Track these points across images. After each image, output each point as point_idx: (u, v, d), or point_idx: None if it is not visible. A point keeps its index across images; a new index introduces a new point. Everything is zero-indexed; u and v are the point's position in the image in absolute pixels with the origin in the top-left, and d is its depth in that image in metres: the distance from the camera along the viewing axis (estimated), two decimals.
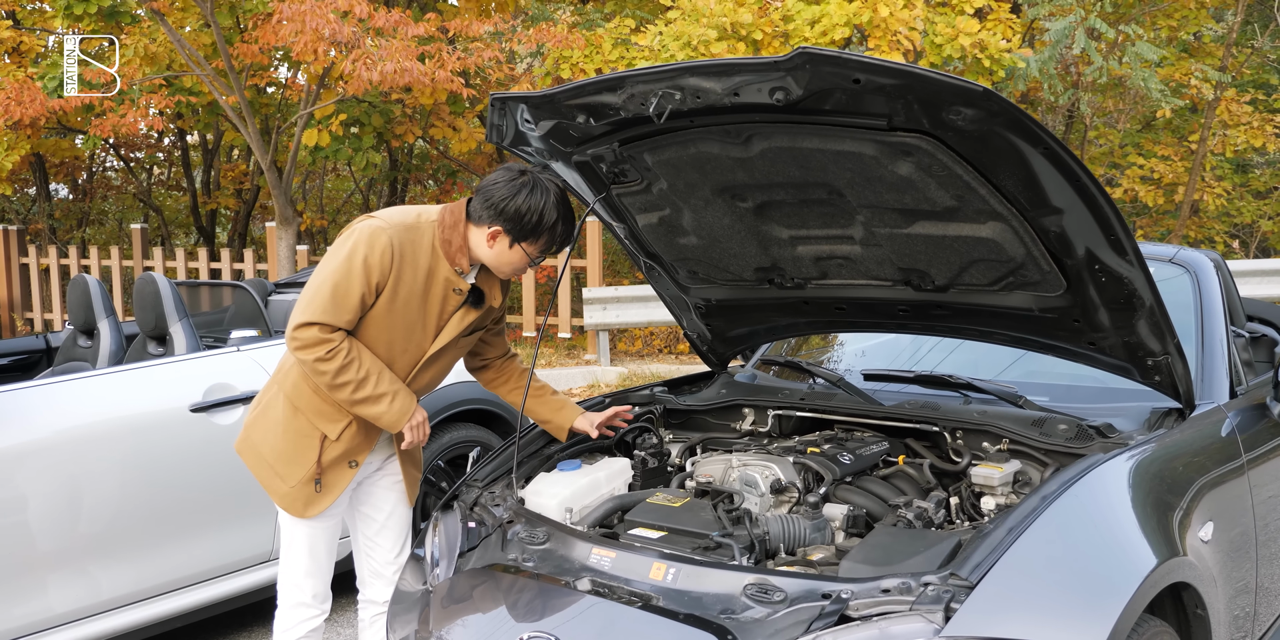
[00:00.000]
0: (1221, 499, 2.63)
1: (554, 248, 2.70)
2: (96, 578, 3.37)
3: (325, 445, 2.66)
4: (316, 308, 2.52)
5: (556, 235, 2.66)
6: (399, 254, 2.54)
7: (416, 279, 2.59)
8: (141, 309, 4.00)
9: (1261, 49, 13.82)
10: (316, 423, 2.65)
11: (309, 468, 2.65)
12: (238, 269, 12.00)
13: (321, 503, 2.69)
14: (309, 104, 10.53)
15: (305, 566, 2.77)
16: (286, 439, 2.67)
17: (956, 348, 3.62)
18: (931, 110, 2.16)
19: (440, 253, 2.61)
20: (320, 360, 2.53)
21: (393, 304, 2.59)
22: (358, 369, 2.56)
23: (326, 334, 2.53)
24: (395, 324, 2.62)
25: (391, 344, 2.65)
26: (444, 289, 2.64)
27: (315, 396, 2.65)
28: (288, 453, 2.67)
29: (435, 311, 2.66)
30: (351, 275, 2.52)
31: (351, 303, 2.53)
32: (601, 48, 9.92)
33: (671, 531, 2.51)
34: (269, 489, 2.70)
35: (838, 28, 8.57)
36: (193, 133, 15.69)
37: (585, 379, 9.88)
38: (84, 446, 3.36)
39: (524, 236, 2.63)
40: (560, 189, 2.67)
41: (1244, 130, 12.68)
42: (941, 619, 1.97)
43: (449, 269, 2.63)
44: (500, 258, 2.67)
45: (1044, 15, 10.40)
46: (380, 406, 2.61)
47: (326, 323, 2.53)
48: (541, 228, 2.62)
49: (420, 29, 8.61)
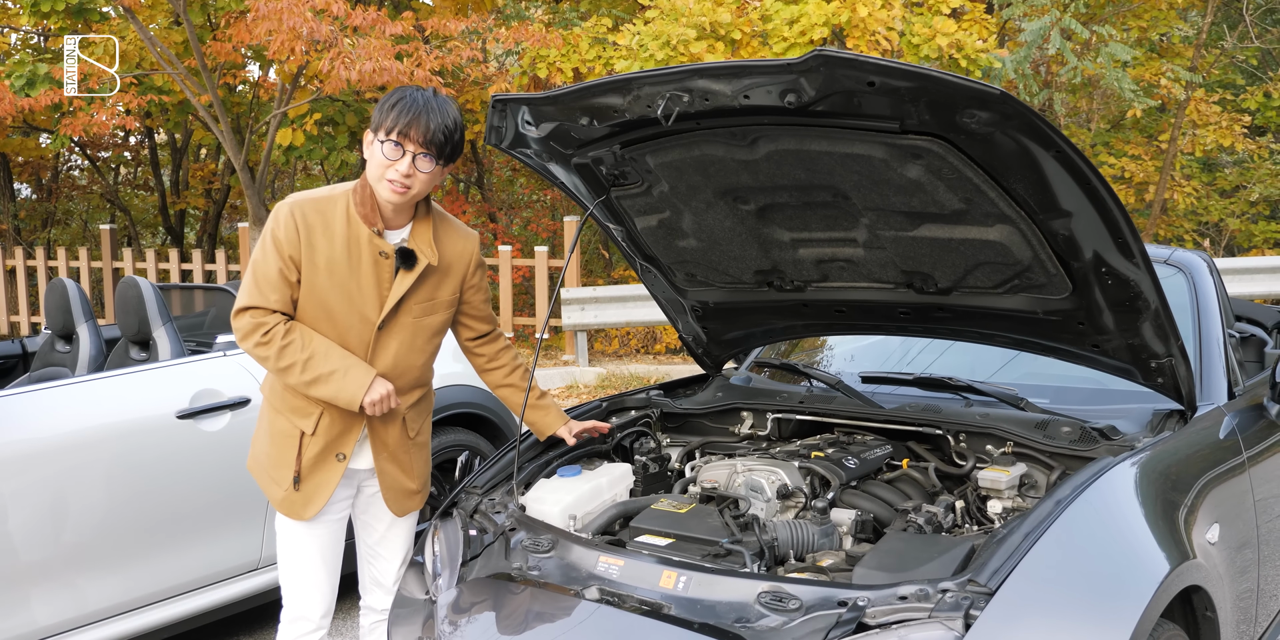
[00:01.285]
0: (1226, 501, 2.64)
1: (399, 128, 2.45)
2: (81, 589, 3.29)
3: (304, 442, 2.61)
4: (244, 294, 2.53)
5: (397, 114, 2.45)
6: (304, 224, 2.50)
7: (334, 247, 2.51)
8: (124, 313, 3.92)
9: (1230, 50, 13.98)
10: (293, 420, 2.61)
11: (294, 466, 2.61)
12: (209, 270, 11.85)
13: (316, 501, 2.63)
14: (283, 103, 10.41)
15: (304, 577, 2.70)
16: (274, 443, 2.64)
17: (947, 349, 3.62)
18: (945, 113, 2.14)
19: (356, 218, 2.53)
20: (260, 346, 2.51)
21: (317, 276, 2.51)
22: (300, 348, 2.51)
23: (260, 318, 2.51)
24: (331, 298, 2.54)
25: (335, 319, 2.56)
26: (370, 254, 2.54)
27: (286, 392, 2.62)
28: (275, 456, 2.64)
29: (370, 280, 2.55)
30: (265, 254, 2.51)
31: (271, 280, 2.50)
32: (579, 47, 9.88)
33: (679, 538, 2.48)
34: (270, 497, 2.65)
35: (816, 28, 8.57)
36: (160, 131, 15.48)
37: (563, 380, 9.84)
38: (67, 455, 3.28)
39: (378, 125, 2.49)
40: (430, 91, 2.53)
41: (1213, 130, 12.84)
42: (961, 626, 1.95)
43: (370, 235, 2.53)
44: (371, 166, 2.50)
45: (1018, 16, 10.48)
46: (332, 384, 2.52)
47: (256, 305, 2.51)
48: (387, 105, 2.48)
49: (398, 28, 8.53)
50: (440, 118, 2.48)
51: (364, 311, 2.57)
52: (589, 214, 2.98)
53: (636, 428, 3.27)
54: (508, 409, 4.60)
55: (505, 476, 2.89)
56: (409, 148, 2.47)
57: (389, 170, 2.48)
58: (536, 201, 16.82)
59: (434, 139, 2.48)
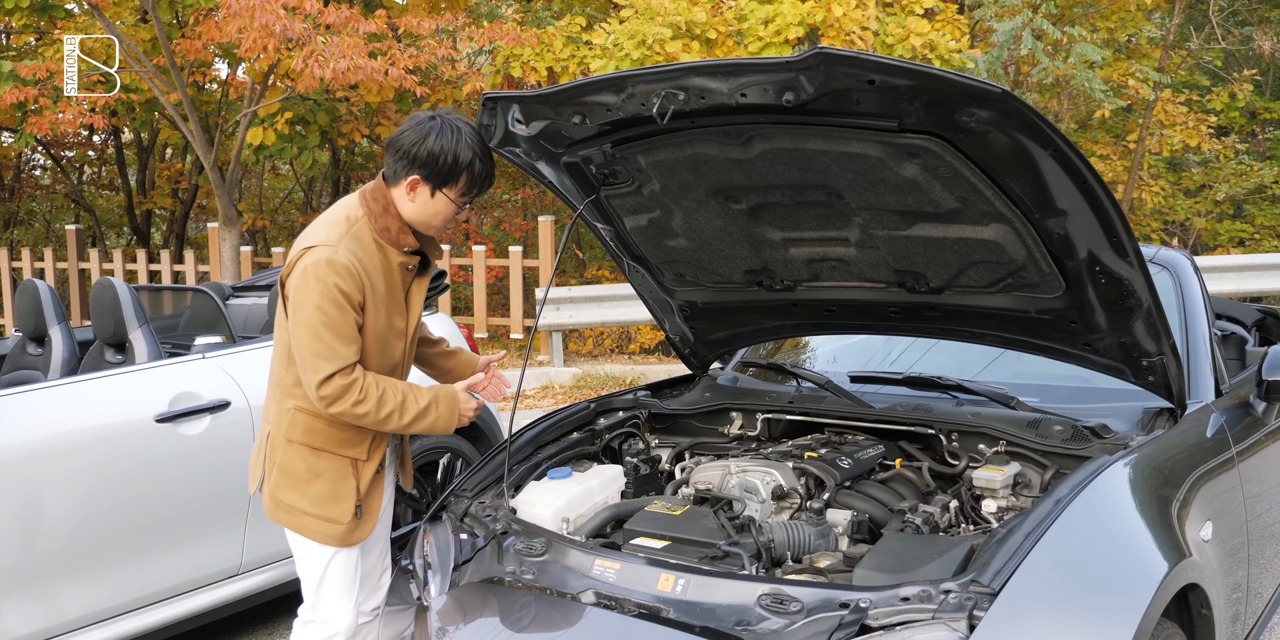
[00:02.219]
0: (1218, 499, 2.65)
1: (476, 190, 2.55)
2: (56, 597, 3.22)
3: (359, 468, 2.58)
4: (327, 356, 2.41)
5: (476, 174, 2.50)
6: (361, 267, 2.46)
7: (380, 280, 2.53)
8: (99, 315, 3.85)
9: (1196, 52, 14.15)
10: (343, 452, 2.57)
11: (354, 498, 2.57)
12: (178, 271, 11.71)
13: (371, 518, 2.63)
14: (253, 102, 10.29)
15: (350, 596, 2.64)
16: (322, 482, 2.55)
17: (931, 348, 3.62)
18: (944, 111, 2.13)
19: (382, 243, 2.53)
20: (356, 404, 2.44)
21: (372, 312, 2.53)
22: (393, 395, 2.50)
23: (347, 378, 2.43)
24: (379, 325, 2.55)
25: (378, 345, 2.57)
26: (401, 272, 2.58)
27: (332, 428, 2.55)
28: (328, 494, 2.55)
29: (400, 295, 2.61)
30: (338, 309, 2.42)
31: (351, 335, 2.45)
32: (553, 46, 9.84)
33: (675, 541, 2.45)
34: (322, 537, 2.56)
35: (791, 27, 8.58)
36: (126, 130, 15.27)
37: (539, 380, 9.79)
38: (43, 460, 3.21)
39: (443, 181, 2.48)
40: (471, 127, 2.54)
41: (1180, 130, 12.99)
42: (965, 627, 1.94)
43: (398, 253, 2.55)
44: (424, 211, 2.52)
45: (989, 16, 10.54)
46: (431, 416, 2.55)
47: (342, 367, 2.42)
48: (459, 167, 2.47)
49: (371, 26, 8.45)
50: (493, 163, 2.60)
51: (399, 327, 2.61)
52: (579, 215, 2.94)
53: (625, 429, 3.24)
54: (490, 411, 4.58)
55: (495, 479, 2.85)
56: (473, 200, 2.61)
57: (450, 219, 2.59)
58: (508, 201, 16.75)
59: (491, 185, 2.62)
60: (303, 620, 2.67)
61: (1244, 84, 13.52)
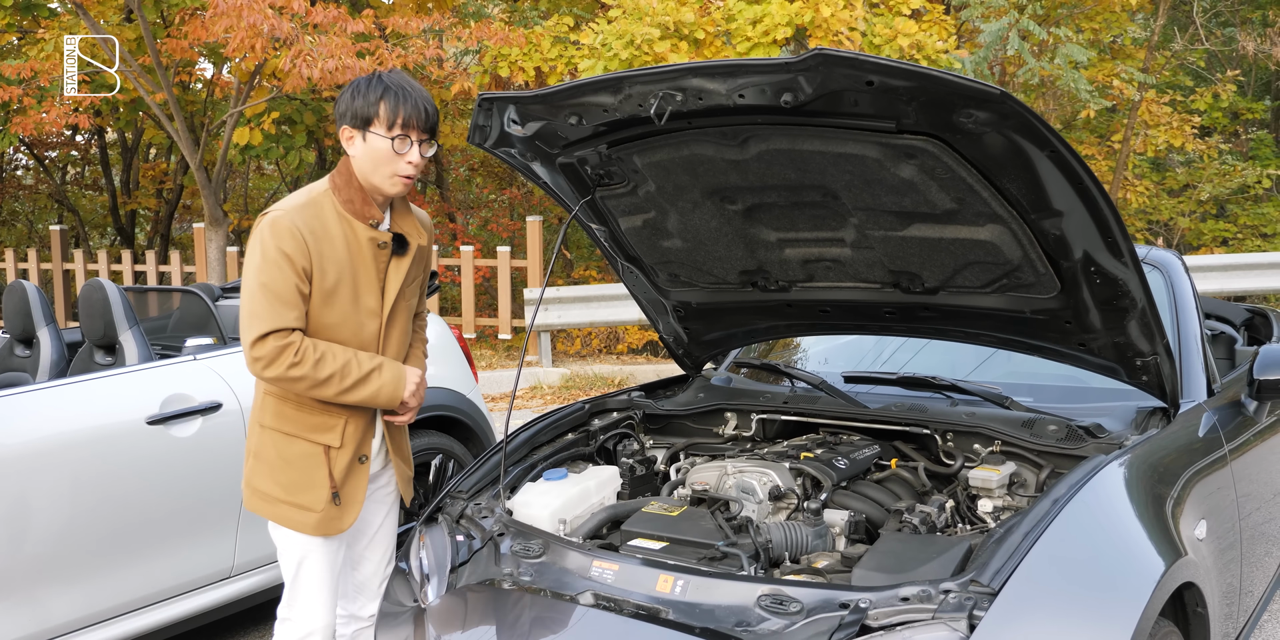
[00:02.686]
0: (1211, 498, 2.67)
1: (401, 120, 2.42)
2: (46, 601, 3.19)
3: (331, 456, 2.54)
4: (261, 316, 2.39)
5: (393, 103, 2.41)
6: (308, 233, 2.42)
7: (337, 251, 2.47)
8: (89, 316, 3.82)
9: (1180, 53, 14.24)
10: (315, 438, 2.53)
11: (327, 486, 2.53)
12: (163, 271, 11.65)
13: (352, 510, 2.58)
14: (239, 102, 10.24)
15: (324, 592, 2.61)
16: (294, 469, 2.53)
17: (922, 348, 3.63)
18: (942, 112, 2.14)
19: (348, 216, 2.49)
20: (292, 367, 2.40)
21: (326, 282, 2.46)
22: (334, 358, 2.44)
23: (283, 339, 2.40)
24: (341, 300, 2.49)
25: (347, 321, 2.51)
26: (370, 249, 2.52)
27: (301, 412, 2.52)
28: (300, 481, 2.53)
29: (371, 273, 2.53)
30: (277, 270, 2.39)
31: (288, 298, 2.40)
32: (540, 46, 9.82)
33: (673, 542, 2.45)
34: (297, 525, 2.53)
35: (779, 28, 8.59)
36: (110, 130, 15.18)
37: (527, 381, 9.78)
38: (33, 462, 3.18)
39: (365, 121, 2.42)
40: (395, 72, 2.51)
41: (1164, 130, 13.07)
42: (966, 627, 1.95)
43: (365, 227, 2.50)
44: (367, 161, 2.45)
45: (976, 17, 10.58)
46: (373, 385, 2.48)
47: (277, 328, 2.38)
48: (373, 101, 2.41)
49: (359, 25, 8.42)
50: (427, 99, 2.49)
51: (370, 306, 2.54)
52: (573, 216, 2.94)
53: (620, 430, 3.24)
54: (482, 412, 4.57)
55: (490, 481, 2.84)
56: (414, 137, 2.46)
57: (399, 164, 2.46)
58: (494, 201, 16.73)
59: (432, 122, 2.48)
60: (281, 617, 2.65)
61: (1228, 85, 13.61)
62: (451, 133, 13.27)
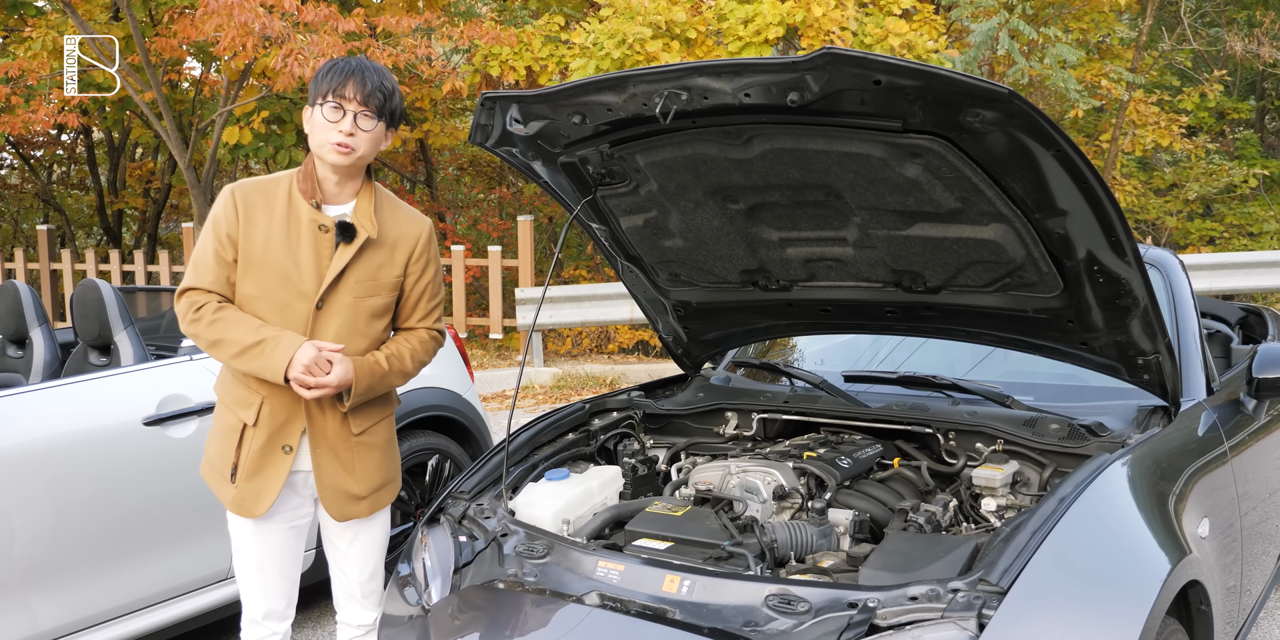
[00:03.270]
0: (1213, 496, 2.67)
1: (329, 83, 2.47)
2: (40, 604, 3.16)
3: (246, 434, 2.56)
4: (186, 277, 2.55)
5: (330, 78, 2.47)
6: (244, 202, 2.52)
7: (273, 223, 2.51)
8: (83, 317, 3.79)
9: (1168, 53, 14.30)
10: (237, 412, 2.57)
11: (233, 458, 2.57)
12: (152, 271, 11.58)
13: (266, 496, 2.56)
14: (229, 101, 10.19)
15: (255, 579, 2.65)
16: (221, 438, 2.61)
17: (919, 348, 3.63)
18: (949, 112, 2.13)
19: (298, 194, 2.54)
20: (192, 323, 2.49)
21: (253, 253, 2.50)
22: (233, 324, 2.48)
23: (197, 297, 2.51)
24: (269, 276, 2.51)
25: (273, 298, 2.51)
26: (310, 229, 2.52)
27: (232, 382, 2.60)
28: (223, 452, 2.60)
29: (310, 255, 2.51)
30: (205, 235, 2.55)
31: (208, 261, 2.52)
32: (531, 45, 9.80)
33: (678, 542, 2.45)
34: (221, 496, 2.61)
35: (771, 27, 8.59)
36: (97, 129, 15.08)
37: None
38: (29, 464, 3.15)
39: (313, 97, 2.53)
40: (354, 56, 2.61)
41: (1152, 130, 13.12)
42: (975, 626, 1.95)
43: (308, 209, 2.53)
44: (313, 135, 2.54)
45: (965, 17, 10.61)
46: (259, 358, 2.45)
47: (193, 286, 2.52)
48: (319, 81, 2.51)
49: (350, 24, 8.38)
50: (376, 76, 2.54)
51: (302, 288, 2.52)
52: (574, 216, 2.93)
53: (620, 430, 3.23)
54: (478, 412, 4.56)
55: (492, 481, 2.83)
56: (349, 107, 2.48)
57: (331, 133, 2.49)
58: (483, 200, 16.69)
59: (372, 95, 2.50)
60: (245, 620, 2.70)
61: (1214, 84, 13.68)
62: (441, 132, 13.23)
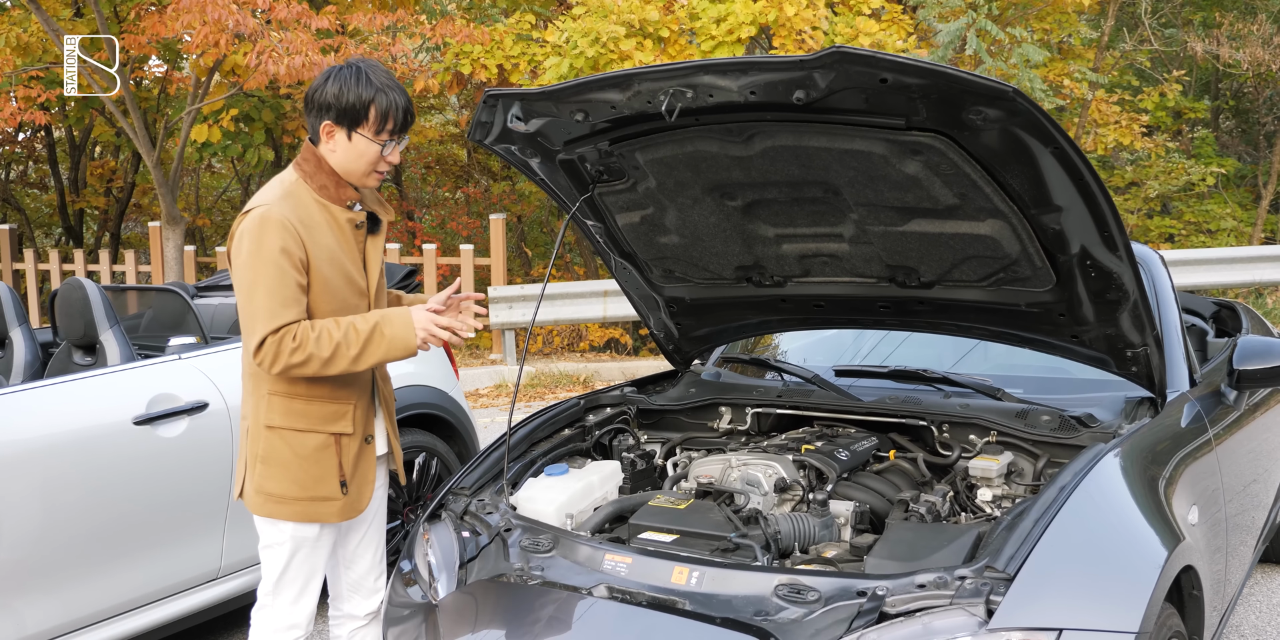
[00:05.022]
0: (1201, 484, 2.75)
1: (392, 125, 2.45)
2: (33, 606, 3.13)
3: (342, 444, 2.55)
4: (266, 318, 2.36)
5: (384, 108, 2.42)
6: (298, 224, 2.42)
7: (325, 238, 2.48)
8: (67, 316, 3.75)
9: (1129, 53, 14.52)
10: (328, 428, 2.53)
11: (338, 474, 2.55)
12: (117, 271, 11.44)
13: (366, 492, 2.61)
14: (197, 98, 10.08)
15: (313, 584, 2.61)
16: (310, 464, 2.51)
17: (903, 342, 3.68)
18: (952, 110, 2.18)
19: (324, 201, 2.50)
20: (294, 353, 2.37)
21: (322, 270, 2.46)
22: (332, 330, 2.41)
23: (283, 331, 2.38)
24: (335, 286, 2.50)
25: (345, 309, 2.52)
26: (350, 229, 2.54)
27: (311, 405, 2.52)
28: (320, 475, 2.52)
29: (355, 254, 2.55)
30: (275, 271, 2.37)
31: (290, 296, 2.38)
32: (503, 44, 9.79)
33: (684, 534, 2.48)
34: (320, 517, 2.53)
35: (744, 26, 8.64)
36: (58, 127, 14.85)
37: (492, 379, 9.74)
38: (17, 465, 3.12)
39: (354, 122, 2.42)
40: (377, 66, 2.50)
41: (1113, 129, 13.33)
42: (983, 612, 1.99)
43: (342, 211, 2.52)
44: (347, 156, 2.46)
45: (932, 17, 10.72)
46: (382, 342, 2.43)
47: (279, 326, 2.37)
48: (363, 104, 2.41)
49: (323, 22, 8.33)
50: (407, 96, 2.52)
51: (359, 285, 2.57)
52: (572, 214, 2.95)
53: (615, 425, 3.26)
54: (465, 410, 4.56)
55: (492, 477, 2.85)
56: (397, 138, 2.52)
57: (380, 163, 2.52)
58: (450, 199, 16.62)
59: (412, 119, 2.53)
60: (260, 604, 2.65)
61: (1173, 84, 13.92)
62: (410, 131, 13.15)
